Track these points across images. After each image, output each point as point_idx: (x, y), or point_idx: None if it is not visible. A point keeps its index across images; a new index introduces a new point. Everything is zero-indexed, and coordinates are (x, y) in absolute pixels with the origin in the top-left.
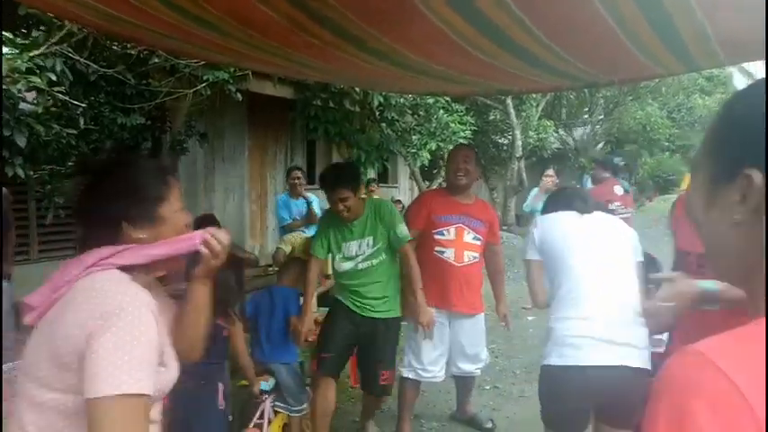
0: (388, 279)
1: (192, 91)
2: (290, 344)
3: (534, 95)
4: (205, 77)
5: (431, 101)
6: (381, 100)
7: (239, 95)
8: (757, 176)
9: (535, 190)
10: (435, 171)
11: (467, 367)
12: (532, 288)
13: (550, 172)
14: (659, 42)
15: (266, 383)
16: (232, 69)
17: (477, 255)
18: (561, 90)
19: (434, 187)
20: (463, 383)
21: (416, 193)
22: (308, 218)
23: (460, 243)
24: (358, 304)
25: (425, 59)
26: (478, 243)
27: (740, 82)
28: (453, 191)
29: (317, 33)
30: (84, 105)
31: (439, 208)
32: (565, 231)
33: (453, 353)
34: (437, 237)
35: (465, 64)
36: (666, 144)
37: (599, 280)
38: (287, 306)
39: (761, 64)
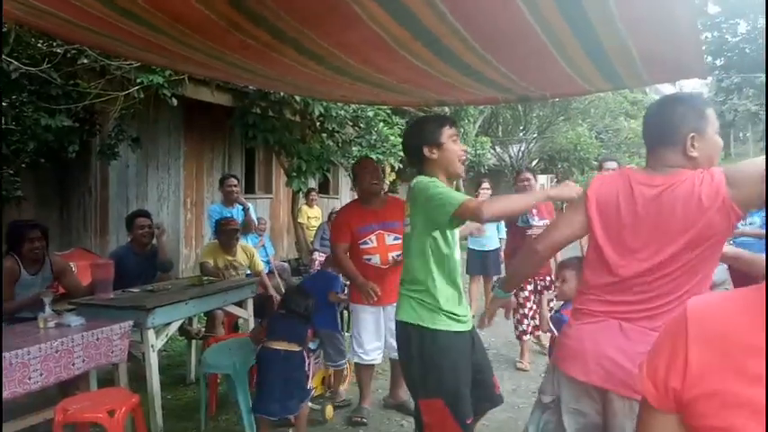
0: None
1: (123, 94)
2: (333, 315)
3: (472, 112)
4: (138, 80)
5: (371, 113)
6: (322, 110)
7: (174, 100)
8: None
9: None
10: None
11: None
12: None
13: (486, 185)
14: (586, 57)
15: (313, 343)
16: (167, 73)
17: (400, 251)
18: (495, 103)
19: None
20: (396, 368)
21: None
22: (245, 225)
23: (383, 247)
24: (464, 317)
25: (363, 65)
26: (399, 241)
27: None
28: (367, 200)
29: (253, 34)
30: (4, 104)
31: (357, 221)
32: None
33: (389, 337)
34: (362, 246)
35: (402, 71)
36: (595, 163)
37: None
38: (329, 286)
39: (670, 87)
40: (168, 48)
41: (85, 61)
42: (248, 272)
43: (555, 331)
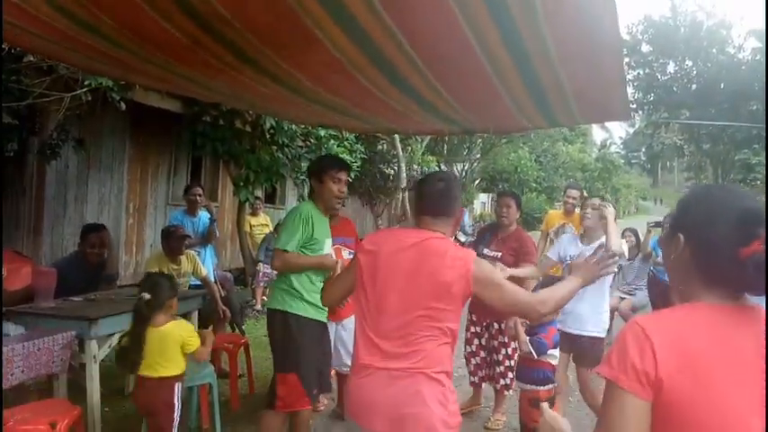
0: None
1: (69, 95)
2: None
3: None
4: (86, 82)
5: (323, 132)
6: (273, 123)
7: (123, 104)
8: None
9: None
10: None
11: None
12: None
13: None
14: (527, 93)
15: None
16: None
17: None
18: (441, 135)
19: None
20: (343, 380)
21: None
22: (208, 235)
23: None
24: (322, 309)
25: (319, 87)
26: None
27: (598, 134)
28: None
29: (217, 53)
30: None
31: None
32: None
33: (339, 351)
34: None
35: (356, 95)
36: (534, 185)
37: None
38: None
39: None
40: (126, 61)
41: (32, 59)
42: (193, 279)
43: (534, 355)
